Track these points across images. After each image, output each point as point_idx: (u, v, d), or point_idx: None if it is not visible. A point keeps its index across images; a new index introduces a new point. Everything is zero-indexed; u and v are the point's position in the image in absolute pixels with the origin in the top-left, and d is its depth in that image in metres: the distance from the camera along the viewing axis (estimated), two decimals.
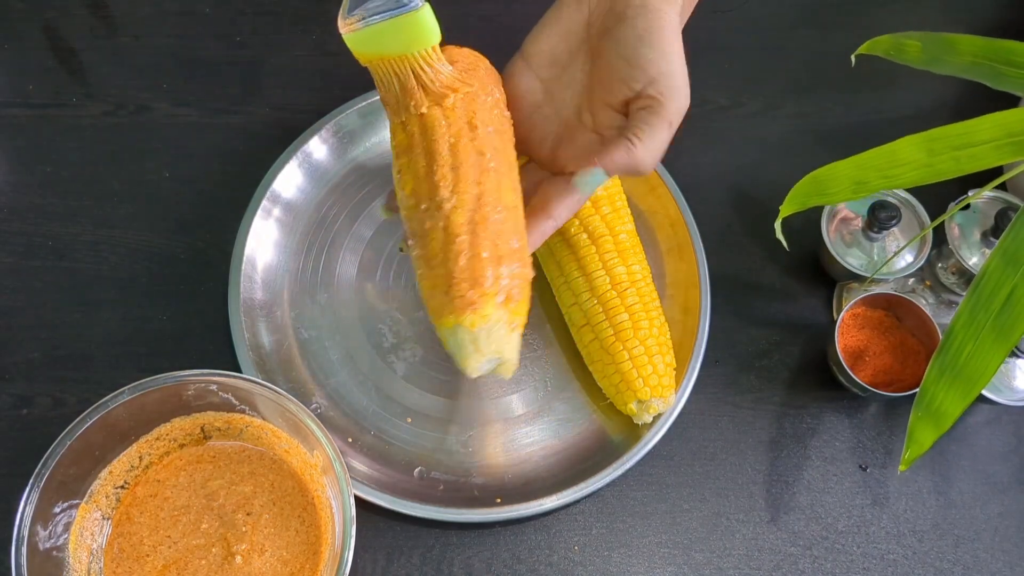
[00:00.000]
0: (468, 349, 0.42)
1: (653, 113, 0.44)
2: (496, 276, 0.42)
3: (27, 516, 0.45)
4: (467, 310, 0.41)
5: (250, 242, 0.60)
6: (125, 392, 0.48)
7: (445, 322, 0.42)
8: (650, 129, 0.44)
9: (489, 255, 0.42)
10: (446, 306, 0.42)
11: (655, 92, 0.44)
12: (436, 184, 0.43)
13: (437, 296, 0.43)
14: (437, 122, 0.44)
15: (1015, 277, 0.42)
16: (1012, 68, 0.47)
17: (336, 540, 0.48)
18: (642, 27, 0.43)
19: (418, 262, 0.45)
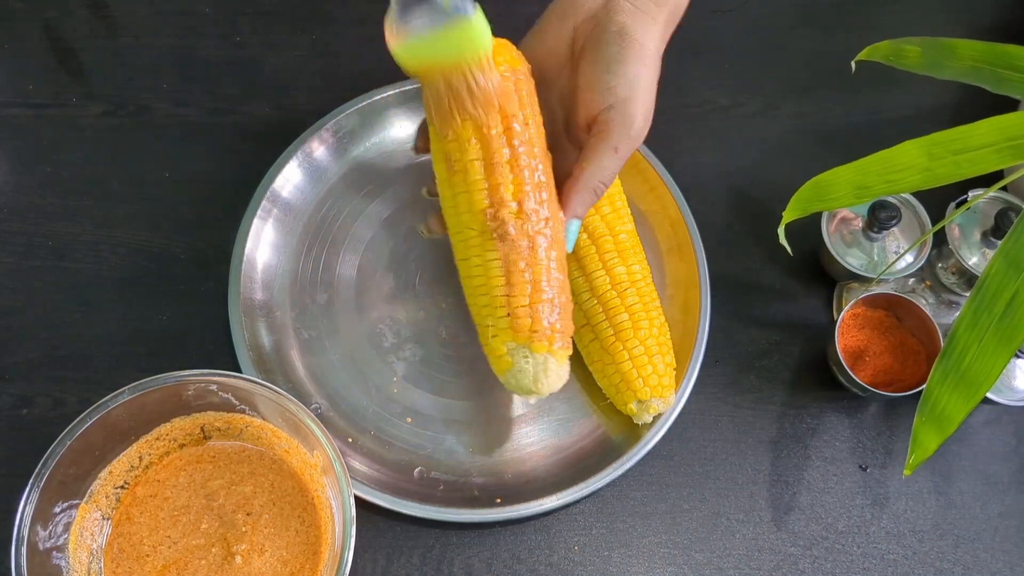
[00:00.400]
0: (545, 372, 0.47)
1: (600, 139, 0.46)
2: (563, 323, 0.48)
3: (27, 516, 0.45)
4: (554, 341, 0.47)
5: (250, 242, 0.60)
6: (125, 392, 0.48)
7: (538, 347, 0.47)
8: (595, 156, 0.46)
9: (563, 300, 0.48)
10: (533, 330, 0.46)
11: (606, 118, 0.45)
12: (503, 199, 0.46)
13: (514, 317, 0.47)
14: (494, 138, 0.46)
15: (1017, 281, 0.42)
16: (1012, 72, 0.47)
17: (336, 540, 0.48)
18: (612, 54, 0.45)
19: (483, 270, 0.47)
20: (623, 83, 0.44)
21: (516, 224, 0.46)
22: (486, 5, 0.44)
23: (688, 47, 0.73)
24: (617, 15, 0.45)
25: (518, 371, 0.47)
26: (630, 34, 0.44)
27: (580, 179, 0.47)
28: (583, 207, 0.48)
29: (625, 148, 0.46)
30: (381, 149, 0.65)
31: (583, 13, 0.47)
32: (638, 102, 0.45)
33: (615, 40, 0.45)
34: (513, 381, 0.48)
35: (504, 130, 0.46)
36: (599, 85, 0.45)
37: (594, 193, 0.47)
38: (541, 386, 0.47)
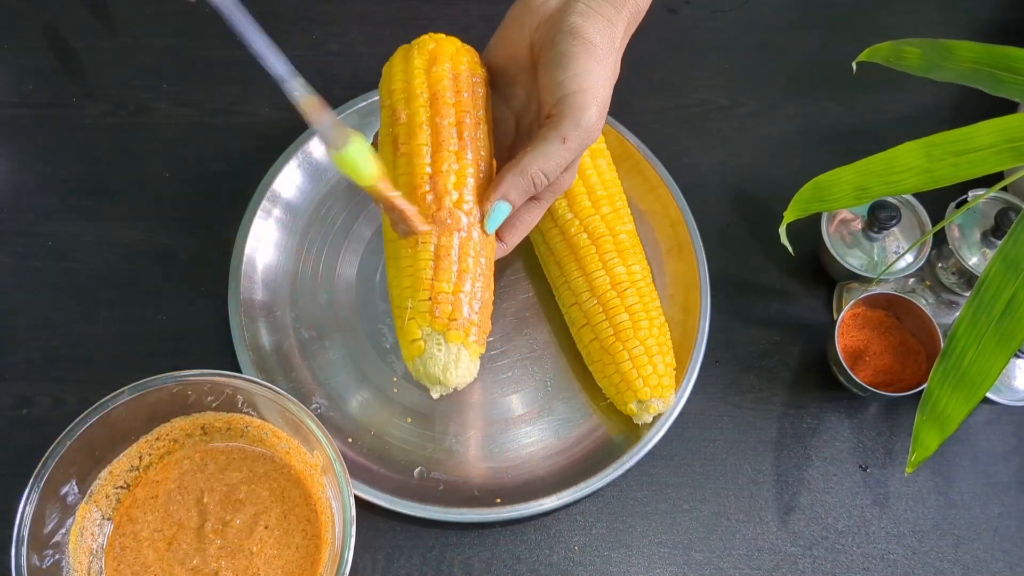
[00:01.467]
0: (457, 363, 0.46)
1: (550, 128, 0.45)
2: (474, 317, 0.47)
3: (27, 516, 0.45)
4: (470, 333, 0.46)
5: (250, 242, 0.60)
6: (125, 392, 0.48)
7: (454, 336, 0.46)
8: (540, 143, 0.45)
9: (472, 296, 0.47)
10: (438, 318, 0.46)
11: (556, 111, 0.45)
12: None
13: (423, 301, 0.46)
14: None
15: (1016, 282, 0.42)
16: (1011, 74, 0.48)
17: (336, 540, 0.48)
18: (561, 51, 0.45)
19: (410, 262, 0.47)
20: (571, 76, 0.44)
21: (453, 212, 0.46)
22: (486, 4, 0.44)
23: (688, 47, 0.73)
24: (569, 16, 0.45)
25: (428, 357, 0.46)
26: (580, 32, 0.44)
27: (519, 163, 0.45)
28: (515, 192, 0.46)
29: (574, 140, 0.45)
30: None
31: (539, 17, 0.47)
32: (588, 95, 0.44)
33: (565, 39, 0.45)
34: (421, 368, 0.46)
35: (456, 123, 0.47)
36: (550, 82, 0.45)
37: (531, 180, 0.46)
38: (450, 376, 0.46)
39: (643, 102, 0.70)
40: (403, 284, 0.47)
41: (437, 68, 0.48)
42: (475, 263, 0.47)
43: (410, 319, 0.46)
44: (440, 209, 0.46)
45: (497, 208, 0.46)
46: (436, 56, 0.49)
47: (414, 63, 0.49)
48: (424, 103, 0.48)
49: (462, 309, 0.46)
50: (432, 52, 0.49)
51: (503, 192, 0.46)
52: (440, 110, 0.48)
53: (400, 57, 0.50)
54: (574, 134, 0.44)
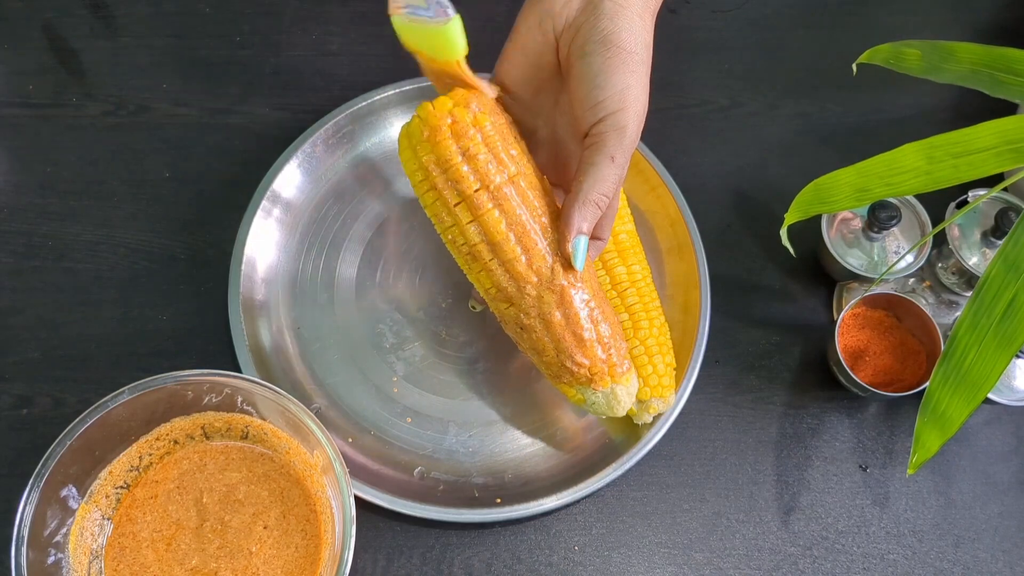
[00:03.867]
0: (616, 399, 0.50)
1: (595, 151, 0.45)
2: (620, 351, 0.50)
3: (27, 516, 0.45)
4: (614, 374, 0.50)
5: (250, 242, 0.60)
6: (125, 392, 0.48)
7: (602, 384, 0.50)
8: (591, 168, 0.45)
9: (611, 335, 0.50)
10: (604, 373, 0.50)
11: (599, 131, 0.44)
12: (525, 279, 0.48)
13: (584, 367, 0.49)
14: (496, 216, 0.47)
15: (1017, 283, 0.42)
16: (1011, 76, 0.48)
17: (336, 540, 0.48)
18: (597, 65, 0.44)
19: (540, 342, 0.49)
20: (612, 96, 0.43)
21: (551, 281, 0.48)
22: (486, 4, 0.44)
23: (688, 47, 0.73)
24: (599, 21, 0.43)
25: (592, 404, 0.51)
26: (614, 42, 0.43)
27: (579, 193, 0.45)
28: (587, 222, 0.46)
29: (621, 156, 0.45)
30: (381, 149, 0.65)
31: (562, 20, 0.45)
32: (629, 112, 0.44)
33: (599, 50, 0.43)
34: (592, 409, 0.51)
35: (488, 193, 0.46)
36: (588, 101, 0.44)
37: (596, 206, 0.46)
38: (617, 411, 0.51)
39: None
40: (538, 360, 0.51)
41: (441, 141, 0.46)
42: (582, 313, 0.48)
43: (564, 383, 0.51)
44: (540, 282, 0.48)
45: (577, 244, 0.46)
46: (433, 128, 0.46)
47: (417, 151, 0.47)
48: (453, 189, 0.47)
49: (596, 361, 0.49)
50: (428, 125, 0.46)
51: (576, 227, 0.46)
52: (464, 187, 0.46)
53: (404, 145, 0.48)
54: (620, 152, 0.45)
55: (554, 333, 0.48)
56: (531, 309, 0.48)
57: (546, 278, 0.47)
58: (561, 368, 0.49)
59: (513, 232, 0.46)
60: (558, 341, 0.48)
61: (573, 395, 0.51)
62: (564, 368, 0.49)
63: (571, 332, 0.48)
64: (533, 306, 0.48)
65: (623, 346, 0.50)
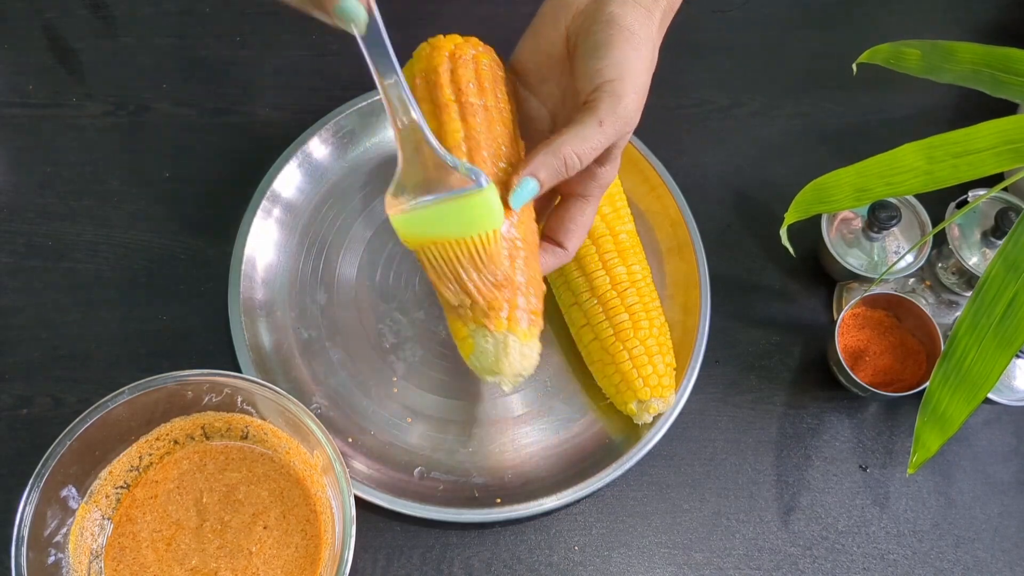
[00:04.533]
0: (506, 351, 0.44)
1: (586, 111, 0.43)
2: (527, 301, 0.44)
3: (27, 516, 0.45)
4: (511, 319, 0.43)
5: (250, 242, 0.60)
6: (125, 392, 0.48)
7: (497, 325, 0.43)
8: (578, 126, 0.43)
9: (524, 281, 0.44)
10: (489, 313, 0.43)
11: (593, 96, 0.44)
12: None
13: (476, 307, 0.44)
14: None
15: (1016, 283, 0.42)
16: (1011, 76, 0.48)
17: (336, 540, 0.48)
18: (600, 39, 0.44)
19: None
20: (610, 64, 0.43)
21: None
22: (486, 4, 0.44)
23: (688, 47, 0.73)
24: (607, 6, 0.44)
25: (479, 353, 0.45)
26: (618, 21, 0.44)
27: (551, 142, 0.43)
28: (544, 170, 0.43)
29: (611, 124, 0.43)
30: (381, 149, 0.65)
31: (574, 10, 0.46)
32: (627, 82, 0.43)
33: (603, 28, 0.44)
34: (477, 363, 0.45)
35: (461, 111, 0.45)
36: (588, 70, 0.44)
37: (563, 161, 0.43)
38: (503, 367, 0.44)
39: None
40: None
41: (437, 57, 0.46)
42: (509, 242, 0.44)
43: (454, 318, 0.45)
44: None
45: (524, 184, 0.43)
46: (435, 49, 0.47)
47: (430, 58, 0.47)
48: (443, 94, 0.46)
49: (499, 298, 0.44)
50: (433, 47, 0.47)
51: (532, 169, 0.43)
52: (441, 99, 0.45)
53: (408, 64, 0.49)
54: (611, 119, 0.43)
55: (467, 247, 0.42)
56: None
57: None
58: (461, 288, 0.43)
59: (467, 144, 0.44)
60: (471, 256, 0.42)
61: (462, 335, 0.45)
62: (464, 289, 0.43)
63: (484, 255, 0.43)
64: None
65: (536, 304, 0.45)
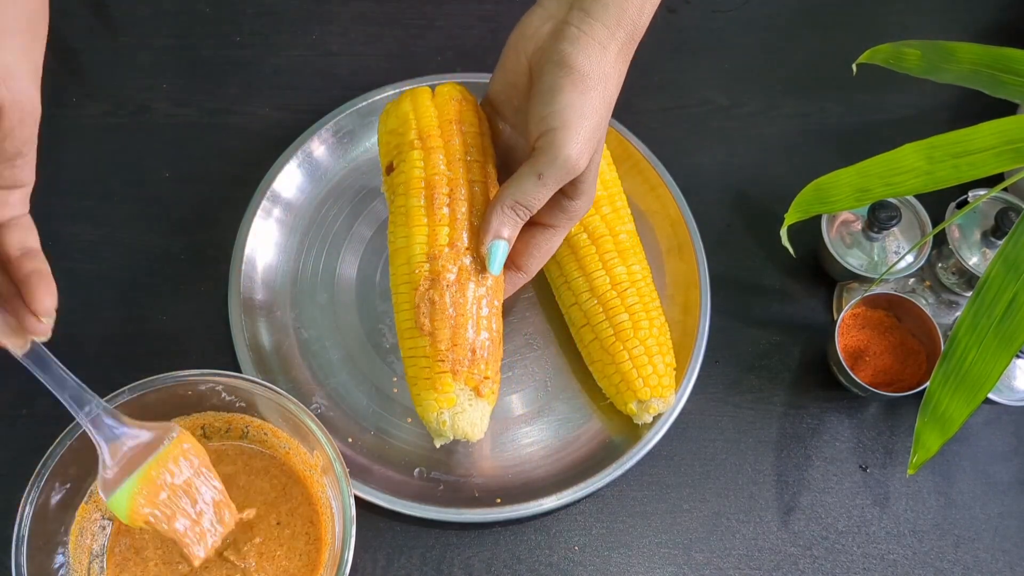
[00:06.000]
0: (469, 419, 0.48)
1: (527, 163, 0.45)
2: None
3: (27, 516, 0.45)
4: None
5: (250, 242, 0.60)
6: (125, 392, 0.48)
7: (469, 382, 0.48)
8: (517, 177, 0.45)
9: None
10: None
11: (537, 145, 0.44)
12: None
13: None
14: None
15: (1017, 283, 0.42)
16: (1011, 76, 0.48)
17: (336, 540, 0.48)
18: (549, 83, 0.44)
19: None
20: (554, 112, 0.43)
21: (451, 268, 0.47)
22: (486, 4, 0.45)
23: (688, 47, 0.73)
24: (560, 43, 0.44)
25: (459, 412, 0.48)
26: (569, 63, 0.43)
27: (498, 198, 0.45)
28: (505, 228, 0.46)
29: (551, 176, 0.44)
30: None
31: (533, 44, 0.46)
32: (570, 131, 0.43)
33: (553, 70, 0.44)
34: (448, 421, 0.48)
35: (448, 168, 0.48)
36: (536, 116, 0.44)
37: (512, 212, 0.45)
38: (476, 431, 0.48)
39: (643, 102, 0.70)
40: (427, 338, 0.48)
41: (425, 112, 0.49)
42: (479, 304, 0.48)
43: (443, 372, 0.47)
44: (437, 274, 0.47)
45: (493, 249, 0.46)
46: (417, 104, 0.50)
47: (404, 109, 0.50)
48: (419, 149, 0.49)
49: (488, 365, 0.48)
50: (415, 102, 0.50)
51: (495, 231, 0.46)
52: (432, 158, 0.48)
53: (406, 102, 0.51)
54: (549, 171, 0.44)
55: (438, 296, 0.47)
56: (435, 269, 0.47)
57: (456, 250, 0.47)
58: (456, 347, 0.47)
59: (425, 194, 0.48)
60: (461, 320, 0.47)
61: (447, 390, 0.47)
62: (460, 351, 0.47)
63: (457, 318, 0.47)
64: (437, 266, 0.47)
65: (495, 372, 0.49)
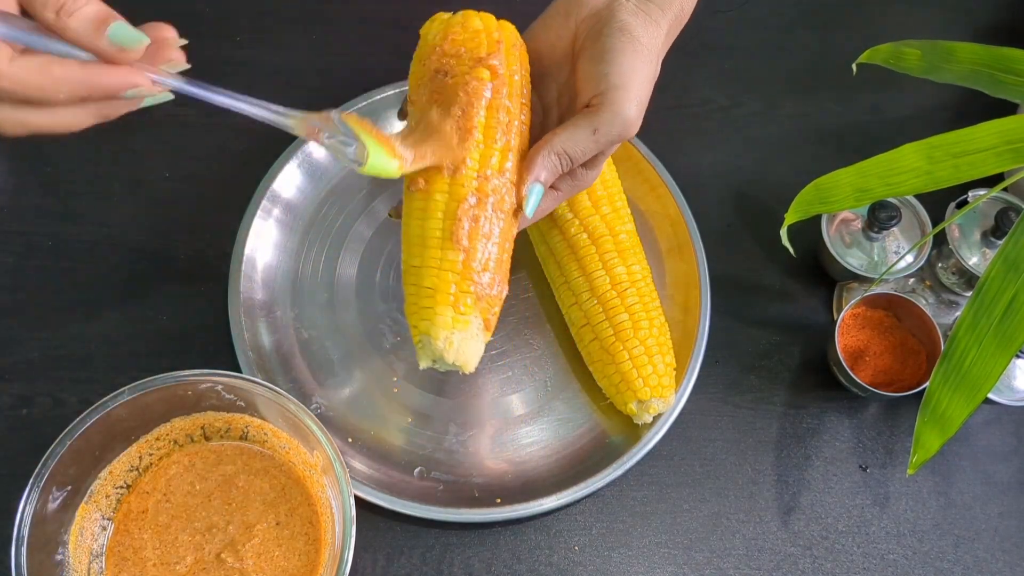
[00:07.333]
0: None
1: (585, 116, 0.45)
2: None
3: (27, 516, 0.45)
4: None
5: (250, 242, 0.60)
6: (125, 392, 0.48)
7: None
8: (571, 126, 0.45)
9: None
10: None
11: (597, 101, 0.45)
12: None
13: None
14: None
15: (1017, 283, 0.42)
16: (1010, 76, 0.48)
17: (336, 540, 0.48)
18: (607, 46, 0.45)
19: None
20: (616, 71, 0.44)
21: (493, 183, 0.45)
22: (486, 4, 0.45)
23: (688, 47, 0.73)
24: (620, 12, 0.45)
25: (470, 337, 0.45)
26: (631, 31, 0.45)
27: (548, 143, 0.45)
28: (546, 172, 0.45)
29: (605, 132, 0.44)
30: None
31: (586, 10, 0.47)
32: (630, 92, 0.44)
33: (615, 34, 0.45)
34: (453, 341, 0.45)
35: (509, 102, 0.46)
36: (595, 74, 0.45)
37: (558, 159, 0.45)
38: (463, 358, 0.46)
39: None
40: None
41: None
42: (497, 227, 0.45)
43: (467, 293, 0.44)
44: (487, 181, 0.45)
45: (531, 191, 0.46)
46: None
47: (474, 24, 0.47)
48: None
49: (499, 304, 0.46)
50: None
51: (535, 174, 0.45)
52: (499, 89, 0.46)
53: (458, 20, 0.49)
54: (606, 127, 0.44)
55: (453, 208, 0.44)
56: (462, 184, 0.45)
57: (504, 178, 0.45)
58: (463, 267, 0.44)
59: (487, 114, 0.45)
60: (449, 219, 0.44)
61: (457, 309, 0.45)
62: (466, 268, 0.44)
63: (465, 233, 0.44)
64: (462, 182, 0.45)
65: (496, 304, 0.46)
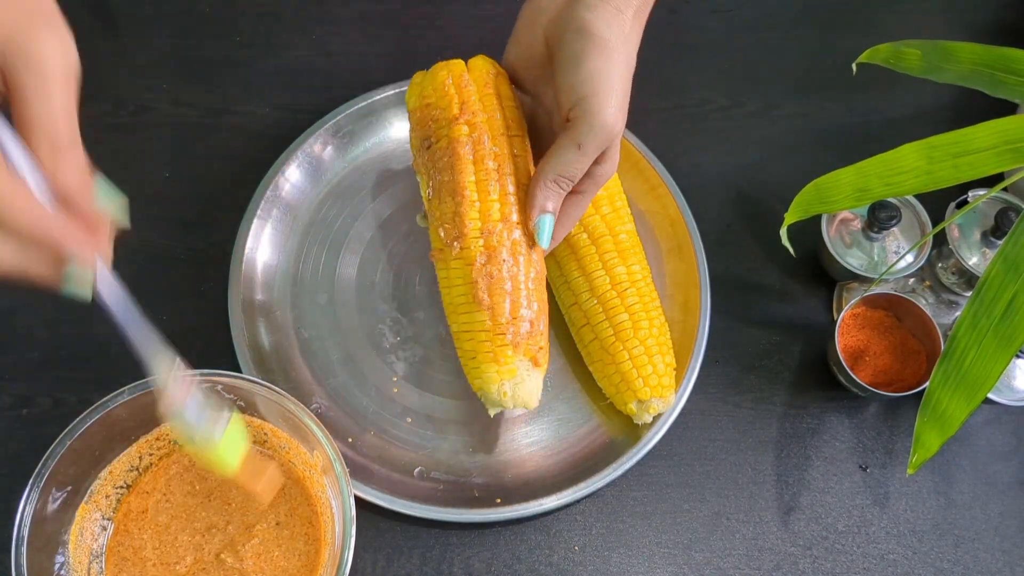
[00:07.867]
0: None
1: (565, 135, 0.45)
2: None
3: (27, 516, 0.45)
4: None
5: (250, 242, 0.60)
6: (125, 392, 0.48)
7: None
8: (556, 150, 0.46)
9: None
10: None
11: (572, 115, 0.45)
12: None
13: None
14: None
15: (1016, 283, 0.42)
16: (1010, 75, 0.48)
17: (336, 540, 0.48)
18: (570, 52, 0.45)
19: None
20: (583, 80, 0.44)
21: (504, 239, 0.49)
22: (486, 4, 0.45)
23: (688, 47, 0.73)
24: (577, 11, 0.44)
25: (519, 383, 0.50)
26: (589, 29, 0.44)
27: (540, 173, 0.46)
28: (550, 201, 0.47)
29: (590, 144, 0.45)
30: (381, 149, 0.65)
31: (548, 15, 0.46)
32: (602, 97, 0.44)
33: (575, 38, 0.44)
34: (509, 391, 0.50)
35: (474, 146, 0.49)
36: (564, 85, 0.45)
37: (556, 185, 0.46)
38: (534, 400, 0.50)
39: (643, 102, 0.69)
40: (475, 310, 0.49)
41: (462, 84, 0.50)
42: (532, 282, 0.49)
43: (504, 345, 0.48)
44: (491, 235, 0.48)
45: (540, 223, 0.47)
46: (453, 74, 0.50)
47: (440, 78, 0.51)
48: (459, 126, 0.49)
49: (542, 335, 0.49)
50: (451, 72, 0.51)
51: (539, 206, 0.46)
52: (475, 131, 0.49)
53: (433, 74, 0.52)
54: (588, 139, 0.45)
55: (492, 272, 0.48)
56: (478, 242, 0.48)
57: (508, 224, 0.48)
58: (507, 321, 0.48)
59: (475, 168, 0.48)
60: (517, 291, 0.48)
61: (507, 361, 0.49)
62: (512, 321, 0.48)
63: (526, 292, 0.49)
64: (480, 240, 0.48)
65: (547, 341, 0.51)
